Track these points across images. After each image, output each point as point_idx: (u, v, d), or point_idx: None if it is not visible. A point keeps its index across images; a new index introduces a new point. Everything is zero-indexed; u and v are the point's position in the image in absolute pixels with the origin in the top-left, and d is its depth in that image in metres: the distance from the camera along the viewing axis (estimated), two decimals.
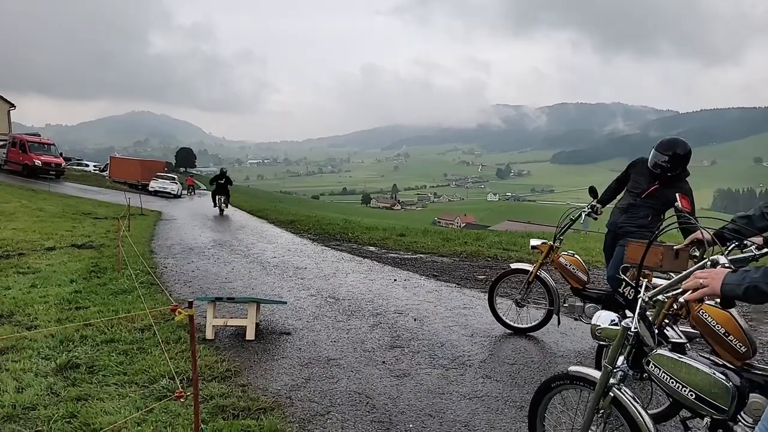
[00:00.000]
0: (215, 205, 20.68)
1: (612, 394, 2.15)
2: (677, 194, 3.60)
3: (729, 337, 2.57)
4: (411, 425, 3.19)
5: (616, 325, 2.14)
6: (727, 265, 1.92)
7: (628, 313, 2.15)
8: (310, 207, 49.92)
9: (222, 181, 20.55)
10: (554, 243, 4.86)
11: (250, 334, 4.83)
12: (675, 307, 2.50)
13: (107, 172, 42.79)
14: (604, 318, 2.22)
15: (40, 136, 38.80)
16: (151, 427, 3.03)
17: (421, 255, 9.94)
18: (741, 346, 2.53)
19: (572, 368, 2.41)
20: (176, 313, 2.47)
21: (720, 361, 2.00)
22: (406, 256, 9.80)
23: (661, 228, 2.47)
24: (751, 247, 2.35)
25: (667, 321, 2.52)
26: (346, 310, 5.90)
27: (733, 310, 2.56)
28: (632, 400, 2.12)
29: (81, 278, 7.21)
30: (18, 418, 3.15)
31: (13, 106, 49.37)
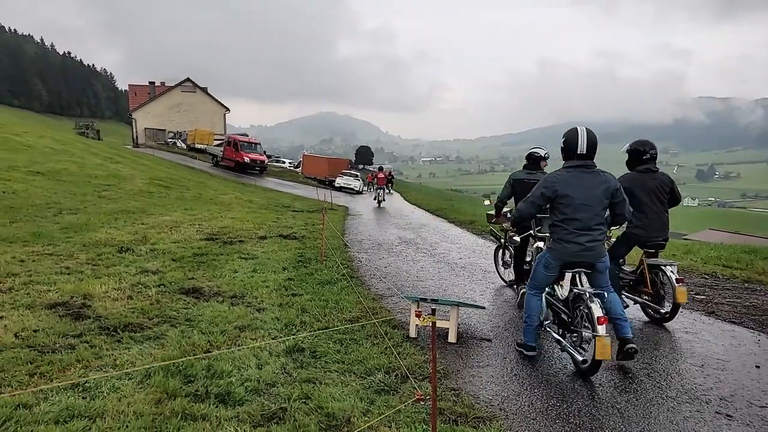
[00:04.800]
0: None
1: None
2: None
3: None
4: None
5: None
6: (508, 213, 6.54)
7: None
8: (483, 206, 49.35)
9: (389, 177, 39.10)
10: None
11: (452, 337, 4.85)
12: None
13: (300, 168, 47.31)
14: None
15: (248, 136, 44.54)
16: (377, 420, 3.17)
17: None
18: None
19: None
20: (420, 318, 2.53)
21: None
22: None
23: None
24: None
25: None
26: None
27: None
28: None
29: (291, 266, 7.99)
30: (263, 392, 3.54)
31: (228, 109, 57.37)
